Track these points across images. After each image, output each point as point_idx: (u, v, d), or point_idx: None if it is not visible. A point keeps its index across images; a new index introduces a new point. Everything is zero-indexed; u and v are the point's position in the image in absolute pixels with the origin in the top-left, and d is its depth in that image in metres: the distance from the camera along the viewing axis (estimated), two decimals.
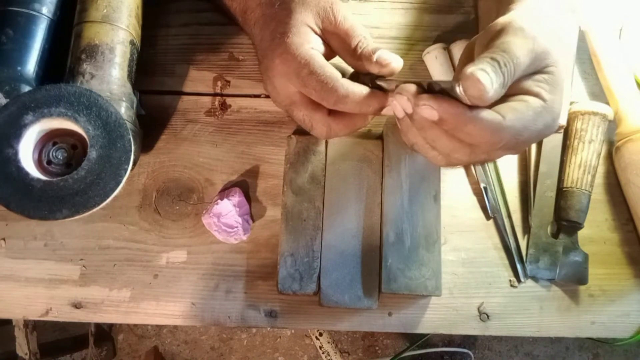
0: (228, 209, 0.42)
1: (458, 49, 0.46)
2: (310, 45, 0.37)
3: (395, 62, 0.37)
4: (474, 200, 0.46)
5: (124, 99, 0.40)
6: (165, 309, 0.43)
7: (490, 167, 0.46)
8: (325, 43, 0.39)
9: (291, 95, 0.38)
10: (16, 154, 0.36)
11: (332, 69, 0.36)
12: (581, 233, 0.45)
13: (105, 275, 0.44)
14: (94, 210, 0.36)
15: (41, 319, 0.43)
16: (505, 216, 0.46)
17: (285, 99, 0.40)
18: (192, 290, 0.43)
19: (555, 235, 0.45)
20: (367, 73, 0.37)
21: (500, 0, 0.39)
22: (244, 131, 0.47)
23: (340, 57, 0.39)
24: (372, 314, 0.44)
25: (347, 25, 0.38)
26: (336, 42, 0.38)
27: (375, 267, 0.42)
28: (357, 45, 0.37)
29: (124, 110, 0.40)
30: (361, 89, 0.36)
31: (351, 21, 0.38)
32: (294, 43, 0.36)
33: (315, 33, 0.38)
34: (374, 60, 0.36)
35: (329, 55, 0.39)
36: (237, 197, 0.43)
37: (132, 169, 0.42)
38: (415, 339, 1.13)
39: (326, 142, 0.44)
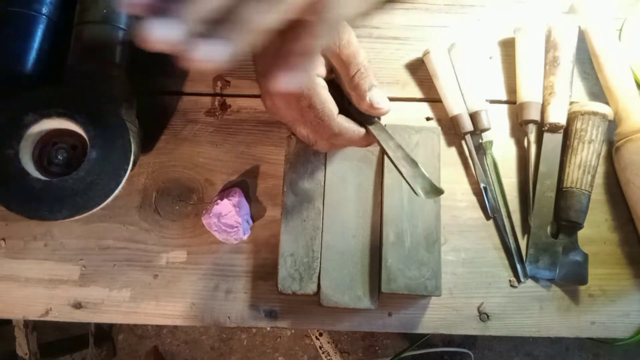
0: (228, 209, 0.42)
1: (458, 49, 0.46)
2: (315, 70, 0.37)
3: (385, 108, 0.38)
4: (474, 200, 0.46)
5: (124, 99, 0.40)
6: (165, 309, 0.43)
7: (490, 167, 0.46)
8: (327, 62, 0.39)
9: (293, 114, 0.39)
10: (16, 154, 0.36)
11: (330, 105, 0.37)
12: (581, 233, 0.45)
13: (105, 276, 0.44)
14: (94, 210, 0.36)
15: (41, 319, 0.43)
16: (505, 216, 0.46)
17: (286, 116, 0.41)
18: (192, 290, 0.43)
19: (555, 235, 0.45)
20: (360, 112, 0.38)
21: None
22: (244, 131, 0.47)
23: (338, 79, 0.39)
24: (372, 314, 0.44)
25: (348, 51, 0.38)
26: (337, 64, 0.38)
27: (375, 267, 0.42)
28: (354, 75, 0.38)
29: (124, 110, 0.40)
30: (353, 129, 0.38)
31: (354, 47, 0.38)
32: None
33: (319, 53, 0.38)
34: (366, 99, 0.37)
35: (328, 74, 0.39)
36: (237, 197, 0.43)
37: (132, 169, 0.42)
38: (415, 339, 1.13)
39: None
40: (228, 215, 0.42)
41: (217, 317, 0.43)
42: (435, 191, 0.36)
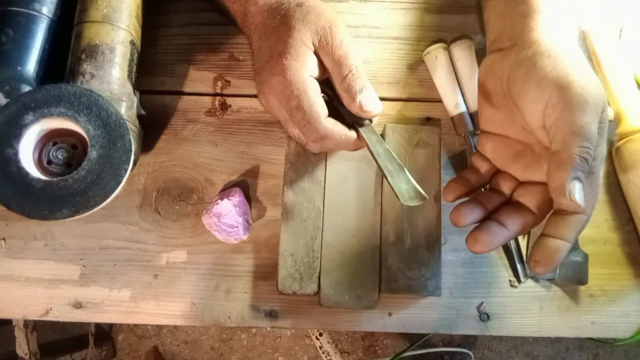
0: (228, 209, 0.42)
1: (458, 49, 0.46)
2: (307, 70, 0.37)
3: (376, 110, 0.38)
4: None
5: (124, 99, 0.40)
6: (165, 309, 0.43)
7: None
8: (320, 62, 0.39)
9: (284, 114, 0.39)
10: (16, 154, 0.36)
11: (319, 107, 0.37)
12: (581, 233, 0.45)
13: (105, 275, 0.44)
14: (94, 210, 0.36)
15: (41, 319, 0.43)
16: None
17: (279, 115, 0.41)
18: (192, 290, 0.43)
19: None
20: (351, 113, 0.39)
21: (511, 8, 0.39)
22: (244, 131, 0.47)
23: (330, 79, 0.39)
24: (372, 314, 0.44)
25: (341, 52, 0.38)
26: (329, 63, 0.39)
27: (375, 267, 0.42)
28: (345, 76, 0.38)
29: (124, 110, 0.40)
30: (340, 132, 0.38)
31: (346, 47, 0.38)
32: (292, 68, 0.37)
33: (312, 51, 0.38)
34: (357, 101, 0.37)
35: (322, 74, 0.39)
36: (237, 197, 0.43)
37: (133, 169, 0.42)
38: (415, 339, 1.13)
39: None
40: (228, 215, 0.42)
41: (217, 317, 0.43)
42: (419, 197, 0.37)
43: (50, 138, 0.39)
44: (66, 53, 0.40)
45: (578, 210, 0.32)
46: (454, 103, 0.46)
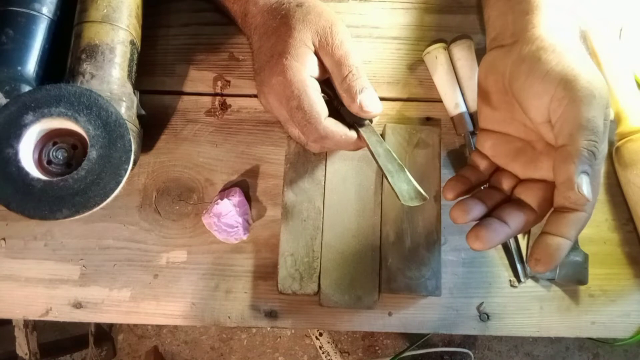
0: (228, 209, 0.42)
1: (458, 49, 0.46)
2: (307, 70, 0.37)
3: (376, 110, 0.38)
4: None
5: (124, 99, 0.40)
6: (165, 309, 0.43)
7: None
8: (320, 62, 0.39)
9: (285, 114, 0.39)
10: (16, 154, 0.36)
11: (319, 107, 0.37)
12: (581, 233, 0.45)
13: (105, 275, 0.44)
14: (94, 210, 0.36)
15: (41, 319, 0.43)
16: None
17: (279, 115, 0.41)
18: (192, 290, 0.44)
19: None
20: (351, 113, 0.39)
21: (512, 6, 0.39)
22: (244, 131, 0.47)
23: (331, 79, 0.39)
24: (372, 314, 0.44)
25: (341, 52, 0.38)
26: (329, 63, 0.39)
27: (376, 267, 0.42)
28: (346, 76, 0.38)
29: (124, 110, 0.40)
30: (340, 132, 0.38)
31: (346, 48, 0.38)
32: (292, 68, 0.37)
33: (312, 51, 0.38)
34: (357, 101, 0.37)
35: (322, 74, 0.39)
36: (237, 197, 0.43)
37: (132, 168, 0.42)
38: (415, 339, 1.13)
39: None
40: (228, 215, 0.42)
41: (217, 317, 0.43)
42: (419, 198, 0.37)
43: (50, 138, 0.39)
44: (66, 53, 0.40)
45: (585, 205, 0.31)
46: (454, 103, 0.46)
